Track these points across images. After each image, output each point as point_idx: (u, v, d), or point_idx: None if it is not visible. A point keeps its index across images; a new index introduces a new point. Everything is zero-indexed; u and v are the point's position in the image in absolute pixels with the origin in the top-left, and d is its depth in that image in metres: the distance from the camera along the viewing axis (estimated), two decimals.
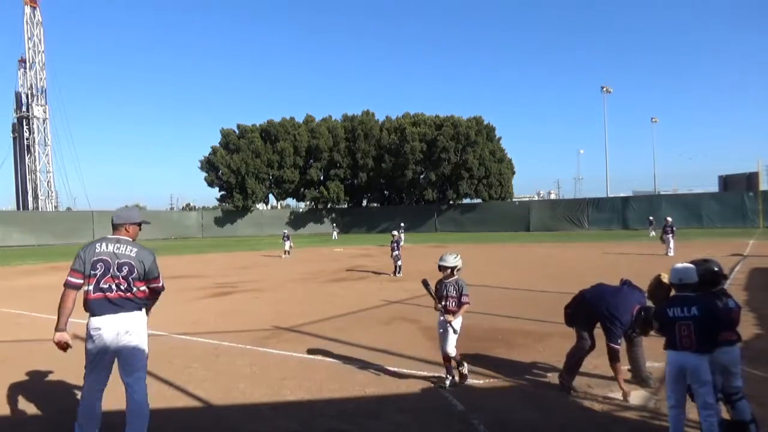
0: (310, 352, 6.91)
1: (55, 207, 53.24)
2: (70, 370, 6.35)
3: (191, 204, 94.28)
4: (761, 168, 47.51)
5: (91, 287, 3.77)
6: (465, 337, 7.55)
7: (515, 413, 4.65)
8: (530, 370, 5.88)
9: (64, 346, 3.78)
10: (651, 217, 35.94)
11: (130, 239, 4.02)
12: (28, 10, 50.41)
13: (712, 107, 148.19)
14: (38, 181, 51.82)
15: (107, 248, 3.85)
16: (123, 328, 3.77)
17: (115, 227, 4.00)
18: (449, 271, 5.39)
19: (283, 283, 14.74)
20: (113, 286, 3.77)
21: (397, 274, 15.55)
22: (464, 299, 5.27)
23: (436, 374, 5.78)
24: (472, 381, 5.56)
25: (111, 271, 3.78)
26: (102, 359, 3.77)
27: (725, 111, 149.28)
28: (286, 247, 25.02)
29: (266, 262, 22.66)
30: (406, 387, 5.42)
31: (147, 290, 3.99)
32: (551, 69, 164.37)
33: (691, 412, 3.84)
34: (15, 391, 5.57)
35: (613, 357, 4.93)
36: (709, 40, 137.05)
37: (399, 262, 15.83)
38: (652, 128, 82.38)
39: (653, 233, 33.55)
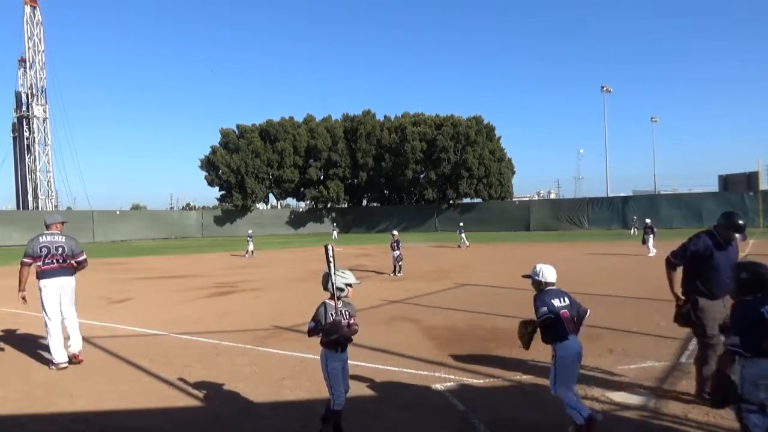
0: (310, 351, 6.89)
1: (55, 206, 53.19)
2: (70, 369, 6.36)
3: (191, 204, 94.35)
4: (761, 168, 47.44)
5: (41, 263, 6.35)
6: (466, 337, 7.59)
7: (515, 413, 4.65)
8: (530, 370, 5.87)
9: (25, 300, 6.37)
10: (635, 216, 37.28)
11: (59, 232, 6.59)
12: (28, 9, 50.39)
13: (712, 107, 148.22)
14: (38, 181, 51.82)
15: (47, 239, 6.44)
16: (60, 285, 6.41)
17: (48, 226, 6.59)
18: (349, 291, 4.16)
19: (283, 283, 14.74)
20: (54, 261, 6.38)
21: (397, 274, 15.55)
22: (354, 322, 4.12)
23: (436, 374, 5.79)
24: (472, 381, 5.56)
25: (51, 251, 6.37)
26: (53, 302, 6.39)
27: (725, 111, 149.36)
28: (250, 248, 25.59)
29: (262, 261, 22.65)
30: (406, 387, 5.42)
31: (75, 263, 6.58)
32: (551, 69, 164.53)
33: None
34: (15, 390, 5.56)
35: None
36: (709, 40, 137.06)
37: (400, 262, 15.83)
38: (652, 128, 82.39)
39: (634, 231, 34.61)
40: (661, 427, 4.27)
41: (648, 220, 21.74)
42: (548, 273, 4.27)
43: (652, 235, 20.33)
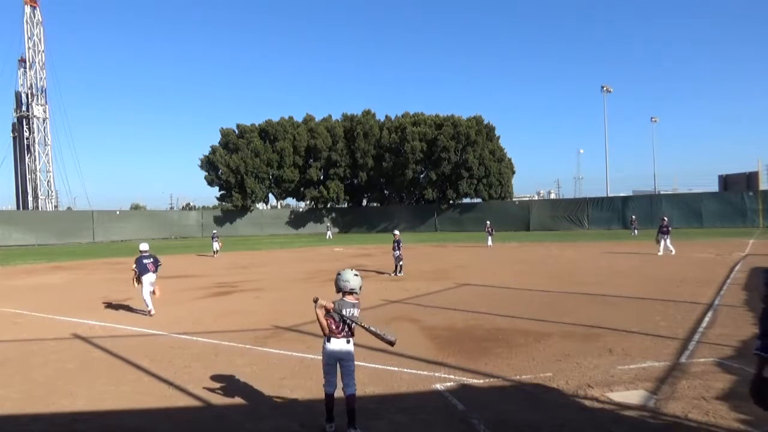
0: (310, 351, 6.90)
1: (55, 206, 53.24)
2: (70, 369, 6.36)
3: (191, 204, 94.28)
4: (761, 168, 47.60)
5: None
6: (466, 337, 7.59)
7: (515, 413, 4.65)
8: (530, 370, 5.87)
9: None
10: (634, 216, 37.75)
11: None
12: (28, 9, 50.38)
13: (712, 107, 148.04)
14: (38, 181, 51.82)
15: None
16: None
17: None
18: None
19: (283, 283, 14.74)
20: None
21: (397, 274, 15.55)
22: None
23: (436, 374, 5.78)
24: (472, 381, 5.56)
25: None
26: None
27: (725, 111, 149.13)
28: (215, 248, 26.08)
29: (264, 261, 22.66)
30: (406, 387, 5.42)
31: None
32: (551, 69, 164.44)
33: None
34: (15, 391, 5.56)
35: None
36: (710, 40, 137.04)
37: (401, 263, 15.83)
38: (652, 128, 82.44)
39: (635, 232, 34.94)
40: (661, 427, 4.27)
41: (665, 219, 21.38)
42: (143, 246, 10.33)
43: (668, 235, 20.08)
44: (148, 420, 4.74)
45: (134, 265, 10.02)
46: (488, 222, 29.48)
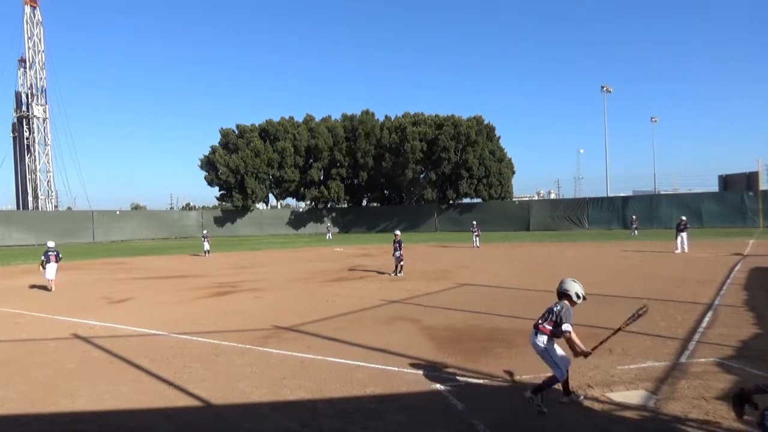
0: (310, 351, 6.91)
1: (55, 206, 53.27)
2: (70, 369, 6.36)
3: (191, 204, 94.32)
4: (761, 168, 47.57)
5: None
6: (466, 337, 7.59)
7: (515, 413, 4.65)
8: (530, 370, 5.86)
9: None
10: (634, 216, 37.80)
11: None
12: (28, 9, 50.43)
13: (712, 107, 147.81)
14: (38, 181, 51.85)
15: None
16: None
17: None
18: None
19: (283, 283, 14.74)
20: None
21: (398, 274, 15.55)
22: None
23: (436, 374, 5.78)
24: (472, 381, 5.56)
25: None
26: None
27: (725, 111, 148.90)
28: (206, 247, 26.29)
29: (264, 261, 22.66)
30: (406, 387, 5.42)
31: None
32: (551, 69, 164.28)
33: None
34: (15, 391, 5.57)
35: None
36: (710, 40, 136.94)
37: (401, 263, 15.81)
38: (652, 128, 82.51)
39: (635, 232, 35.08)
40: (661, 427, 4.27)
41: (683, 217, 21.79)
42: (50, 244, 14.08)
43: (685, 232, 20.38)
44: (148, 420, 4.74)
45: (42, 256, 13.84)
46: (474, 222, 29.52)
